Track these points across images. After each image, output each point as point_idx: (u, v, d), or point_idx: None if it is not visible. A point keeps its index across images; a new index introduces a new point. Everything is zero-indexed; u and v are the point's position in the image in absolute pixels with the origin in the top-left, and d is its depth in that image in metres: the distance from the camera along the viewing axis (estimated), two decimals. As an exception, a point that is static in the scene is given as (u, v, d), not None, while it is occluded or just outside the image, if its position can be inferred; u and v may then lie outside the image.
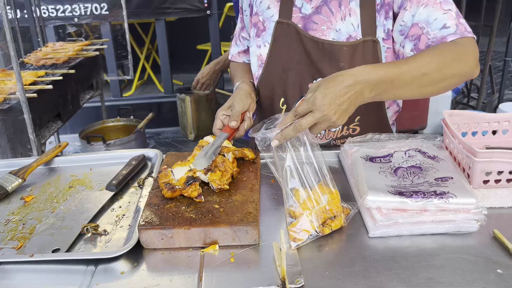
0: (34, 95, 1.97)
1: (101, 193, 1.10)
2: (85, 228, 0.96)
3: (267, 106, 1.41)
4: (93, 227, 0.97)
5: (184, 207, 0.97)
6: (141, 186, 1.13)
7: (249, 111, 1.27)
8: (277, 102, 1.37)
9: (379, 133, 1.22)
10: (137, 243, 0.91)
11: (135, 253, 0.89)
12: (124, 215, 1.02)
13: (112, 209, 1.05)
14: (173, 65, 4.50)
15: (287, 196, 0.96)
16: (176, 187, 0.99)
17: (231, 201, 0.99)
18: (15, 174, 1.16)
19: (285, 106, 1.36)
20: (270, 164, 1.04)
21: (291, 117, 0.99)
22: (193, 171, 1.04)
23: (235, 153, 1.13)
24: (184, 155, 1.19)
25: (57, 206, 1.07)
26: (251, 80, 1.42)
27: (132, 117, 3.18)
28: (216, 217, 0.93)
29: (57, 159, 1.27)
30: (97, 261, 0.88)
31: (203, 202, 0.99)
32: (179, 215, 0.94)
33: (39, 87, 2.09)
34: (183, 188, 1.00)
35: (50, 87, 2.12)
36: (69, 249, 0.91)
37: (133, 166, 1.18)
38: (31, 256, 0.87)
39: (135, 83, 4.83)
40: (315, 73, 1.30)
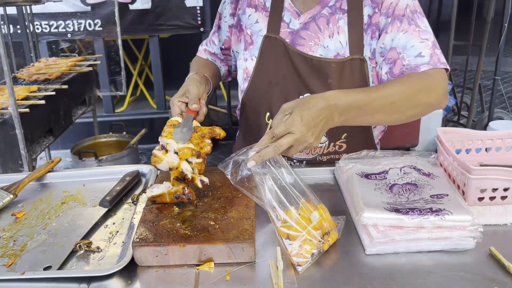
0: (26, 110, 1.95)
1: (94, 210, 1.09)
2: (77, 245, 0.95)
3: (253, 120, 1.41)
4: (86, 244, 0.95)
5: (179, 224, 0.96)
6: (135, 202, 1.12)
7: (202, 99, 1.26)
8: (262, 116, 1.37)
9: (374, 150, 1.22)
10: (131, 261, 0.89)
11: (129, 271, 0.88)
12: (117, 232, 1.01)
13: (105, 226, 1.04)
14: (166, 82, 4.51)
15: (275, 217, 0.95)
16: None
17: (226, 217, 0.98)
18: (6, 189, 1.15)
19: (270, 120, 1.36)
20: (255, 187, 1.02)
21: (268, 139, 0.99)
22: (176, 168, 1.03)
23: (205, 132, 1.12)
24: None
25: (49, 222, 1.05)
26: (205, 74, 1.38)
27: (124, 133, 3.17)
28: (211, 234, 0.92)
29: (49, 175, 1.26)
30: (90, 279, 0.86)
31: (198, 218, 0.98)
32: (174, 232, 0.93)
33: (31, 102, 2.08)
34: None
35: (42, 102, 2.10)
36: (61, 267, 0.89)
37: (127, 182, 1.17)
38: (22, 273, 0.85)
39: (127, 99, 4.81)
40: (302, 88, 1.31)
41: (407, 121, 1.17)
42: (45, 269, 0.88)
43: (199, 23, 4.12)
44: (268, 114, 1.36)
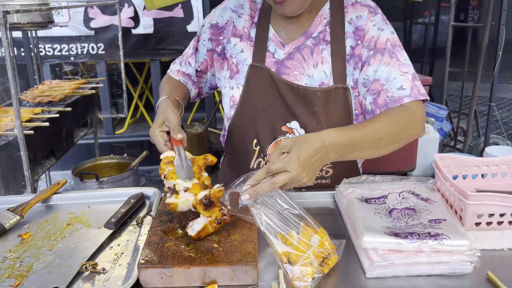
0: (30, 132, 1.99)
1: (99, 231, 1.11)
2: (83, 266, 0.96)
3: (240, 146, 1.43)
4: (91, 265, 0.97)
5: (183, 246, 0.98)
6: (139, 224, 1.14)
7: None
8: (249, 143, 1.40)
9: (373, 175, 1.26)
10: (136, 282, 0.91)
11: (134, 292, 0.89)
12: (122, 253, 1.03)
13: (110, 247, 1.06)
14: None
15: (275, 242, 0.96)
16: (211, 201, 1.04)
17: (230, 240, 1.00)
18: (13, 211, 1.17)
19: (258, 147, 1.39)
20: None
21: (263, 174, 1.02)
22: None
23: (201, 163, 1.13)
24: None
25: (55, 243, 1.07)
26: (176, 97, 1.39)
27: (125, 154, 3.20)
28: (215, 257, 0.94)
29: (55, 197, 1.28)
30: (96, 300, 0.88)
31: (202, 241, 1.00)
32: (179, 254, 0.95)
33: (35, 124, 2.11)
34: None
35: (46, 124, 2.14)
36: (67, 288, 0.91)
37: (132, 204, 1.19)
38: (29, 294, 0.87)
39: (127, 121, 4.86)
40: (288, 116, 1.34)
41: (389, 152, 1.23)
42: (52, 290, 0.90)
43: (200, 47, 4.19)
44: (255, 141, 1.38)
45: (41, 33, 3.54)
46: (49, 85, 2.96)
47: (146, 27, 4.13)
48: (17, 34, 3.73)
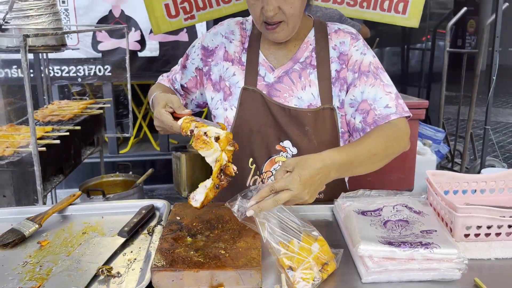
0: (43, 149, 2.08)
1: (113, 239, 1.19)
2: (100, 270, 1.04)
3: (236, 165, 1.46)
4: (107, 269, 1.04)
5: (192, 252, 1.06)
6: (150, 233, 1.22)
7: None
8: (246, 161, 1.47)
9: (370, 190, 1.34)
10: (149, 285, 0.98)
11: (147, 294, 0.97)
12: (135, 259, 1.10)
13: (124, 254, 1.13)
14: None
15: (277, 249, 1.04)
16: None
17: (235, 247, 1.08)
18: (32, 220, 1.25)
19: (254, 165, 1.47)
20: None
21: (267, 191, 1.09)
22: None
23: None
24: (191, 205, 1.29)
25: (72, 250, 1.15)
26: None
27: (131, 172, 3.28)
28: (222, 261, 1.02)
29: (70, 207, 1.36)
30: (112, 300, 0.95)
31: (209, 248, 1.08)
32: (188, 259, 1.02)
33: (47, 142, 2.20)
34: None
35: (57, 142, 2.23)
36: (85, 289, 0.98)
37: (143, 214, 1.27)
38: (51, 293, 0.94)
39: (131, 141, 4.96)
40: (281, 135, 1.43)
41: (380, 167, 1.31)
42: (71, 290, 0.97)
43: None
44: (251, 159, 1.46)
45: (51, 55, 3.67)
46: (58, 105, 3.06)
47: (152, 50, 4.27)
48: (29, 55, 3.86)
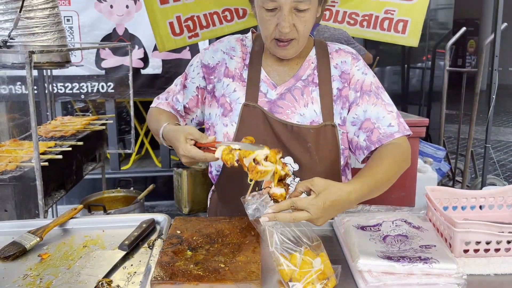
0: (45, 163, 2.09)
1: (113, 252, 1.19)
2: (100, 282, 1.04)
3: (235, 181, 1.48)
4: (107, 282, 1.05)
5: (192, 265, 1.06)
6: (151, 247, 1.23)
7: None
8: (245, 177, 1.47)
9: (369, 205, 1.35)
10: (148, 298, 0.98)
11: (147, 306, 0.97)
12: (135, 273, 1.11)
13: (124, 267, 1.13)
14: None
15: (278, 259, 1.05)
16: None
17: (235, 261, 1.09)
18: (33, 233, 1.25)
19: (253, 181, 1.47)
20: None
21: (288, 205, 1.11)
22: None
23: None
24: (191, 219, 1.30)
25: (72, 263, 1.15)
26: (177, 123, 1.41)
27: (132, 188, 3.29)
28: (222, 275, 1.02)
29: (72, 221, 1.37)
30: (112, 312, 0.95)
31: (209, 261, 1.08)
32: (188, 272, 1.03)
33: (49, 157, 2.22)
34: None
35: (60, 157, 2.25)
36: (85, 301, 0.99)
37: (144, 228, 1.28)
38: (51, 305, 0.94)
39: (133, 157, 4.98)
40: (282, 152, 1.43)
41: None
42: (71, 303, 0.98)
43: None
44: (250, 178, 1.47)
45: (55, 72, 3.72)
46: (61, 120, 3.10)
47: (155, 67, 4.33)
48: (33, 72, 3.91)
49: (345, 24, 3.79)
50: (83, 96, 4.24)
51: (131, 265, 1.14)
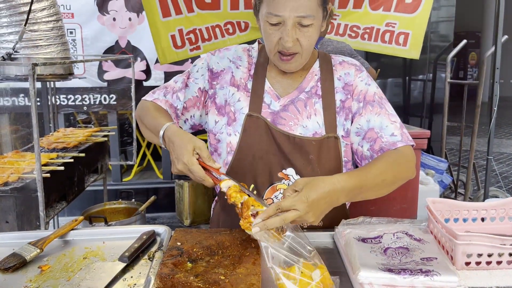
0: (47, 175, 2.10)
1: (113, 264, 1.19)
2: (99, 294, 1.04)
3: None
4: (107, 294, 1.04)
5: (192, 277, 1.06)
6: (151, 258, 1.22)
7: None
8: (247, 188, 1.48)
9: (370, 217, 1.34)
10: (148, 310, 0.98)
11: (147, 319, 0.96)
12: (135, 284, 1.10)
13: (124, 279, 1.13)
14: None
15: (278, 274, 1.04)
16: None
17: (235, 273, 1.08)
18: (33, 244, 1.25)
19: (255, 191, 1.46)
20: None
21: (273, 209, 1.11)
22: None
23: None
24: (191, 231, 1.30)
25: (72, 275, 1.15)
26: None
27: (133, 200, 3.29)
28: (222, 287, 1.02)
29: (72, 233, 1.36)
30: (111, 325, 0.94)
31: (209, 273, 1.08)
32: (188, 284, 1.02)
33: (51, 168, 2.23)
34: None
35: (61, 168, 2.25)
36: (84, 314, 0.98)
37: (144, 240, 1.28)
38: (50, 317, 0.94)
39: (134, 169, 4.98)
40: (284, 163, 1.44)
41: (388, 193, 1.33)
42: (70, 315, 0.97)
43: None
44: (252, 185, 1.45)
45: (58, 84, 3.74)
46: (63, 132, 3.11)
47: (157, 79, 4.35)
48: (36, 84, 3.94)
49: (347, 37, 3.81)
50: (85, 108, 4.26)
51: (131, 277, 1.14)
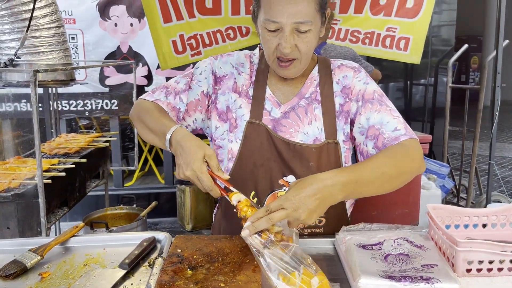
0: (48, 181, 2.10)
1: (114, 271, 1.19)
2: (99, 302, 1.04)
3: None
4: (107, 301, 1.04)
5: (192, 285, 1.05)
6: (151, 265, 1.22)
7: None
8: (247, 195, 1.44)
9: (370, 223, 1.34)
10: (148, 318, 0.98)
11: (146, 326, 0.96)
12: (135, 292, 1.10)
13: (124, 286, 1.13)
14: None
15: (276, 281, 1.03)
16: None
17: (235, 280, 1.08)
18: (34, 251, 1.25)
19: (255, 199, 1.46)
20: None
21: (263, 212, 1.10)
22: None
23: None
24: (192, 238, 1.30)
25: (72, 282, 1.15)
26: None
27: (135, 205, 3.29)
28: (222, 294, 1.02)
29: (73, 239, 1.36)
30: (110, 333, 0.94)
31: (209, 281, 1.07)
32: (188, 292, 1.02)
33: (53, 174, 2.23)
34: None
35: (63, 174, 2.26)
36: (84, 321, 0.98)
37: (144, 247, 1.28)
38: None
39: (136, 174, 4.98)
40: (285, 170, 1.43)
41: (395, 189, 1.28)
42: (70, 323, 0.97)
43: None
44: (253, 193, 1.45)
45: (60, 89, 3.76)
46: (65, 138, 3.11)
47: (158, 85, 4.35)
48: (38, 90, 3.96)
49: (347, 41, 3.83)
50: (87, 113, 4.27)
51: (131, 284, 1.14)
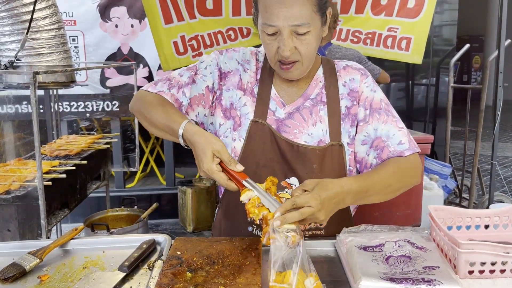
0: (49, 183, 2.10)
1: (113, 274, 1.18)
2: (98, 305, 1.03)
3: (239, 197, 1.43)
4: (106, 304, 1.03)
5: (192, 288, 1.05)
6: (151, 268, 1.21)
7: None
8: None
9: (372, 225, 1.33)
10: (147, 321, 0.97)
11: (145, 330, 0.96)
12: (134, 295, 1.10)
13: (123, 289, 1.13)
14: (176, 159, 4.71)
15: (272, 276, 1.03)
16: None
17: (235, 283, 1.07)
18: (33, 254, 1.25)
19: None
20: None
21: (290, 205, 1.11)
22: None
23: (273, 189, 1.20)
24: (191, 240, 1.29)
25: (72, 285, 1.14)
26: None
27: (136, 207, 3.29)
28: (221, 297, 1.01)
29: (72, 242, 1.36)
30: (109, 336, 0.94)
31: (209, 284, 1.07)
32: (188, 295, 1.02)
33: (53, 176, 2.23)
34: None
35: (63, 176, 2.25)
36: (83, 325, 0.97)
37: (144, 249, 1.27)
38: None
39: (137, 175, 4.98)
40: (288, 172, 1.42)
41: (394, 197, 1.34)
42: (69, 326, 0.96)
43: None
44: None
45: (61, 91, 3.75)
46: (66, 139, 3.11)
47: (159, 83, 4.36)
48: (39, 92, 3.96)
49: (349, 42, 3.82)
50: (88, 114, 4.27)
51: (131, 287, 1.13)
